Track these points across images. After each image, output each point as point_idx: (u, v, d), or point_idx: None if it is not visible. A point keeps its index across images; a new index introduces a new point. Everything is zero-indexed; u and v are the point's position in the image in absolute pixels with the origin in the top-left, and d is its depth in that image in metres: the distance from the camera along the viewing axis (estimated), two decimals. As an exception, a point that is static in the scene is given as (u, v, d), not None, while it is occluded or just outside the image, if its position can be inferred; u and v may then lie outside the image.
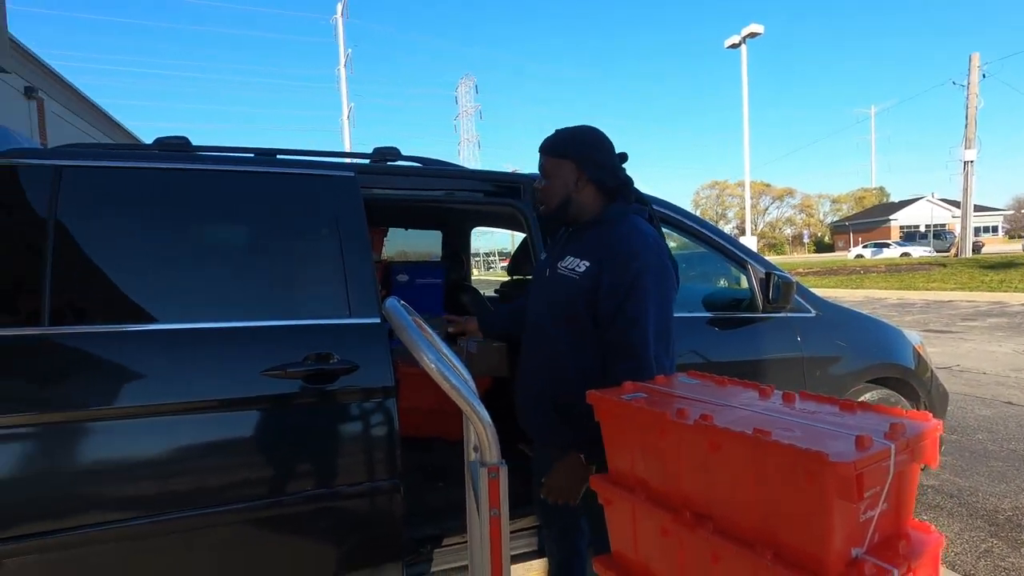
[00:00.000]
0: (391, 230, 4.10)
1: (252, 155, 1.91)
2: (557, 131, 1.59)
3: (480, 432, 0.89)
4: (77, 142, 1.95)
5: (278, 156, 1.95)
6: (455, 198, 2.28)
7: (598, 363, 1.47)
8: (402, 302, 1.15)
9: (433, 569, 1.91)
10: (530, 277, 2.14)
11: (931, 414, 2.59)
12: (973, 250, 27.74)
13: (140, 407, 1.45)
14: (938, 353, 6.70)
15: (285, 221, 1.75)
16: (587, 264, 1.46)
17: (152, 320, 1.53)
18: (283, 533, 1.57)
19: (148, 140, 1.94)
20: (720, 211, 67.25)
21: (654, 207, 2.37)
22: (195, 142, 1.88)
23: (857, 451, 0.80)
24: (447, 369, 0.91)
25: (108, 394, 1.44)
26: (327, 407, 1.62)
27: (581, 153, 1.53)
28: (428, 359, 0.90)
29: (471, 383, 1.21)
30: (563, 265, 1.52)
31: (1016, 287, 12.66)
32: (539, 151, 1.59)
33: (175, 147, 1.83)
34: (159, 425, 1.46)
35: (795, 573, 0.83)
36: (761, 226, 65.39)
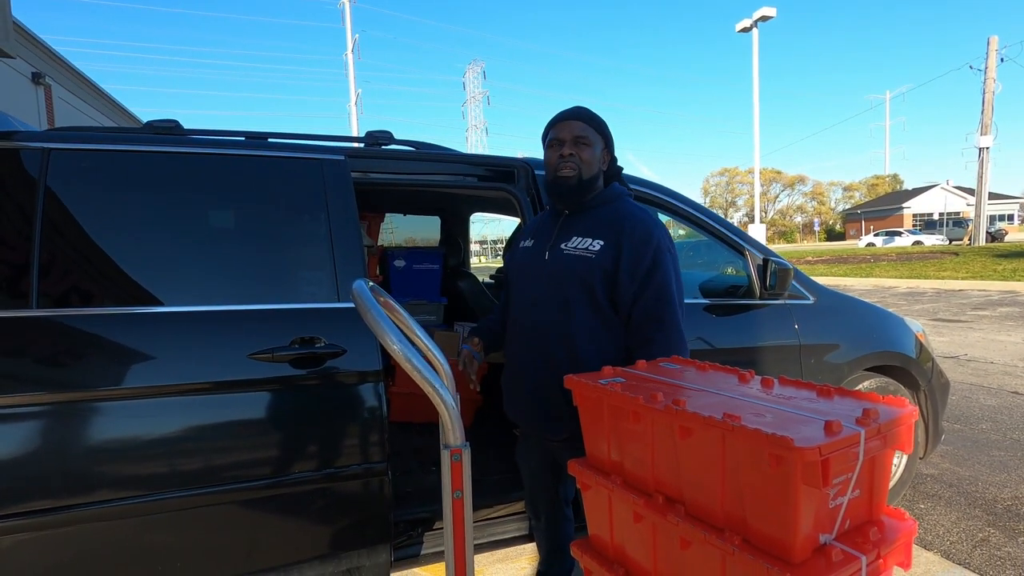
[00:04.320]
0: (398, 217, 4.10)
1: (242, 138, 1.91)
2: (583, 108, 1.57)
3: (443, 414, 0.88)
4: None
5: (269, 140, 1.94)
6: (448, 183, 2.26)
7: (614, 342, 1.47)
8: (372, 284, 1.14)
9: (424, 551, 1.92)
10: None
11: (930, 402, 2.51)
12: (994, 238, 27.16)
13: (125, 390, 1.46)
14: (946, 342, 6.62)
15: (274, 205, 1.74)
16: (601, 243, 1.47)
17: (138, 303, 1.54)
18: (271, 514, 1.58)
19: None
20: (730, 198, 66.65)
21: (651, 192, 2.34)
22: (205, 127, 1.90)
23: (825, 436, 0.79)
24: (411, 352, 0.91)
25: (93, 376, 1.45)
26: (314, 391, 1.63)
27: (608, 135, 1.59)
28: (391, 341, 0.90)
29: (442, 366, 1.21)
30: (571, 246, 1.51)
31: (1029, 276, 12.46)
32: (572, 117, 1.53)
33: (165, 130, 1.83)
34: (145, 408, 1.47)
35: (761, 559, 0.83)
36: (772, 214, 64.79)
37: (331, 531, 1.65)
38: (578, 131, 1.52)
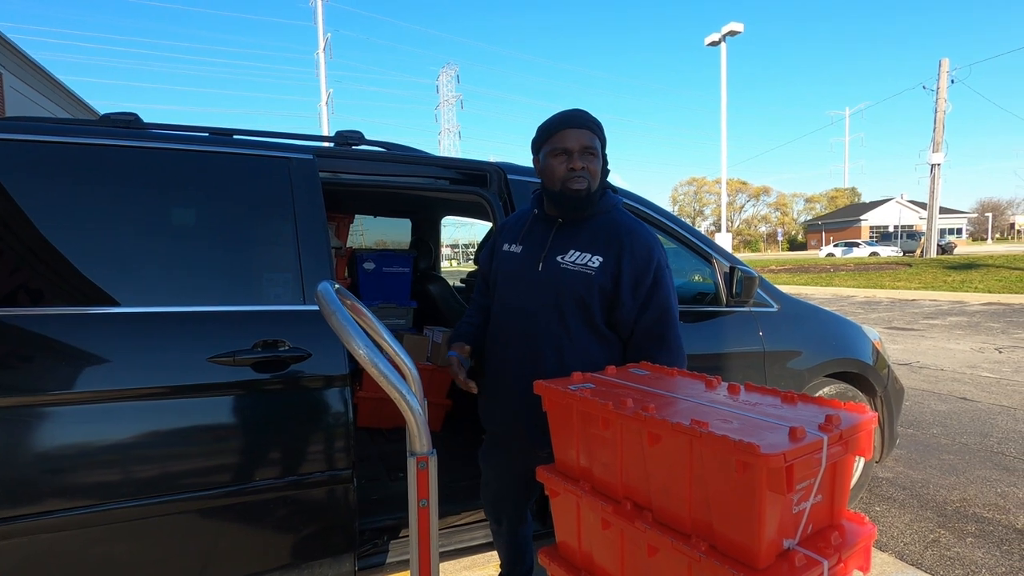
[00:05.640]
0: (369, 219, 4.05)
1: (206, 134, 1.85)
2: (584, 112, 1.49)
3: (409, 421, 0.87)
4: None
5: (234, 136, 1.89)
6: (419, 185, 2.24)
7: (606, 356, 1.45)
8: (338, 286, 1.12)
9: (389, 560, 1.89)
10: None
11: (886, 408, 2.57)
12: (944, 251, 28.48)
13: (77, 394, 1.39)
14: (900, 350, 6.88)
15: (237, 203, 1.69)
16: (600, 259, 1.44)
17: (91, 303, 1.47)
18: (231, 523, 1.53)
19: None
20: (698, 207, 68.09)
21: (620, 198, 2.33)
22: (169, 124, 1.85)
23: (789, 442, 0.80)
24: (377, 356, 0.89)
25: (43, 380, 1.38)
26: (278, 396, 1.58)
27: (605, 139, 1.53)
28: (356, 345, 0.88)
29: (411, 372, 1.19)
30: (567, 259, 1.46)
31: (976, 287, 13.07)
32: (580, 126, 1.45)
33: (122, 123, 1.76)
34: (98, 413, 1.40)
35: (727, 564, 0.83)
36: (737, 223, 66.45)
37: (294, 540, 1.60)
38: (586, 141, 1.44)
